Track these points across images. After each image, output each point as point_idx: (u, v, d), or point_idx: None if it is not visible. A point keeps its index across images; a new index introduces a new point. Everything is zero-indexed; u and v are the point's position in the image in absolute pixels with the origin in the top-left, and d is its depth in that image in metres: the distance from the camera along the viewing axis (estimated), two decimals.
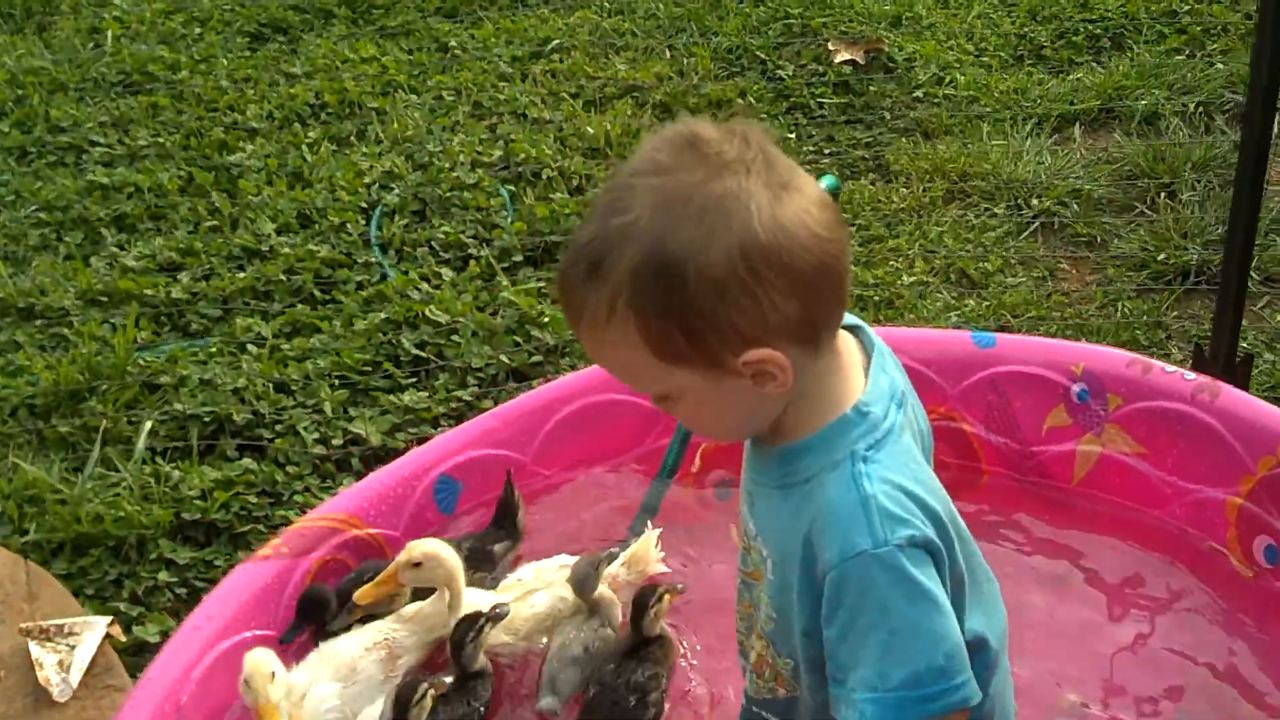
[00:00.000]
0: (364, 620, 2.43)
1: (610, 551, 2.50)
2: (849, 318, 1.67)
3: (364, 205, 4.10)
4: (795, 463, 1.61)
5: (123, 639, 2.65)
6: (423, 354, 3.51)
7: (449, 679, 2.26)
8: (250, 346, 3.55)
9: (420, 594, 2.45)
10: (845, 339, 1.65)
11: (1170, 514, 2.67)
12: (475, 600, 2.41)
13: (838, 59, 4.53)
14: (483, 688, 2.30)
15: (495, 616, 2.31)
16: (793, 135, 4.28)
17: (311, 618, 2.39)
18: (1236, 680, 2.47)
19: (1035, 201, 3.90)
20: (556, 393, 2.83)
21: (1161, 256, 3.66)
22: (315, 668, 2.30)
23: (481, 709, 2.28)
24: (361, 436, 3.26)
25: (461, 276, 3.77)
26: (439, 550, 2.36)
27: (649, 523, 2.64)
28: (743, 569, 1.77)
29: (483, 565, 2.56)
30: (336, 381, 3.42)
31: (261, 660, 2.18)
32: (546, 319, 3.54)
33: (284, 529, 2.58)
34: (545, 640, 2.42)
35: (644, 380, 1.58)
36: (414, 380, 3.43)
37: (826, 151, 4.23)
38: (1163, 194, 3.88)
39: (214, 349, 3.55)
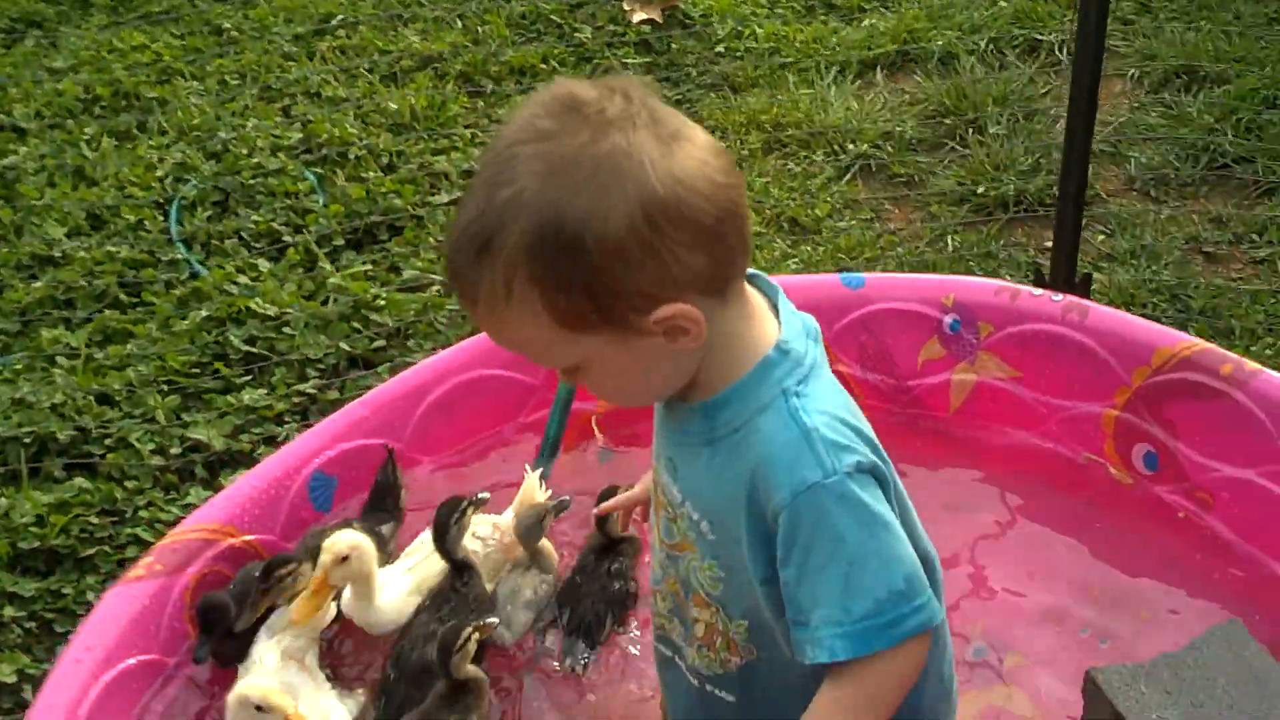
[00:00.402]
0: (260, 619, 2.28)
1: (561, 500, 2.45)
2: None
3: (159, 200, 3.85)
4: (720, 414, 1.56)
5: None
6: (254, 349, 3.31)
7: (493, 620, 2.21)
8: (60, 359, 3.28)
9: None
10: (744, 286, 1.60)
11: (1047, 433, 2.73)
12: (388, 579, 2.30)
13: (635, 18, 4.49)
14: (473, 583, 2.32)
15: (477, 501, 2.34)
16: None
17: (215, 625, 2.23)
18: (1131, 587, 2.54)
19: (851, 146, 3.95)
20: (425, 375, 2.70)
21: (980, 190, 3.75)
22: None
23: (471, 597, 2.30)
24: (203, 442, 3.06)
25: (279, 266, 3.58)
26: (359, 540, 2.24)
27: (527, 467, 2.56)
28: (666, 541, 1.70)
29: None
30: (165, 387, 3.20)
31: (265, 686, 2.08)
32: (383, 302, 3.39)
33: (155, 545, 2.39)
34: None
35: (551, 354, 1.51)
36: (249, 378, 3.24)
37: None
38: (970, 130, 3.98)
39: (19, 366, 3.27)
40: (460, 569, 2.30)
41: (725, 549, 1.60)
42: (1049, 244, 3.58)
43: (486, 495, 2.36)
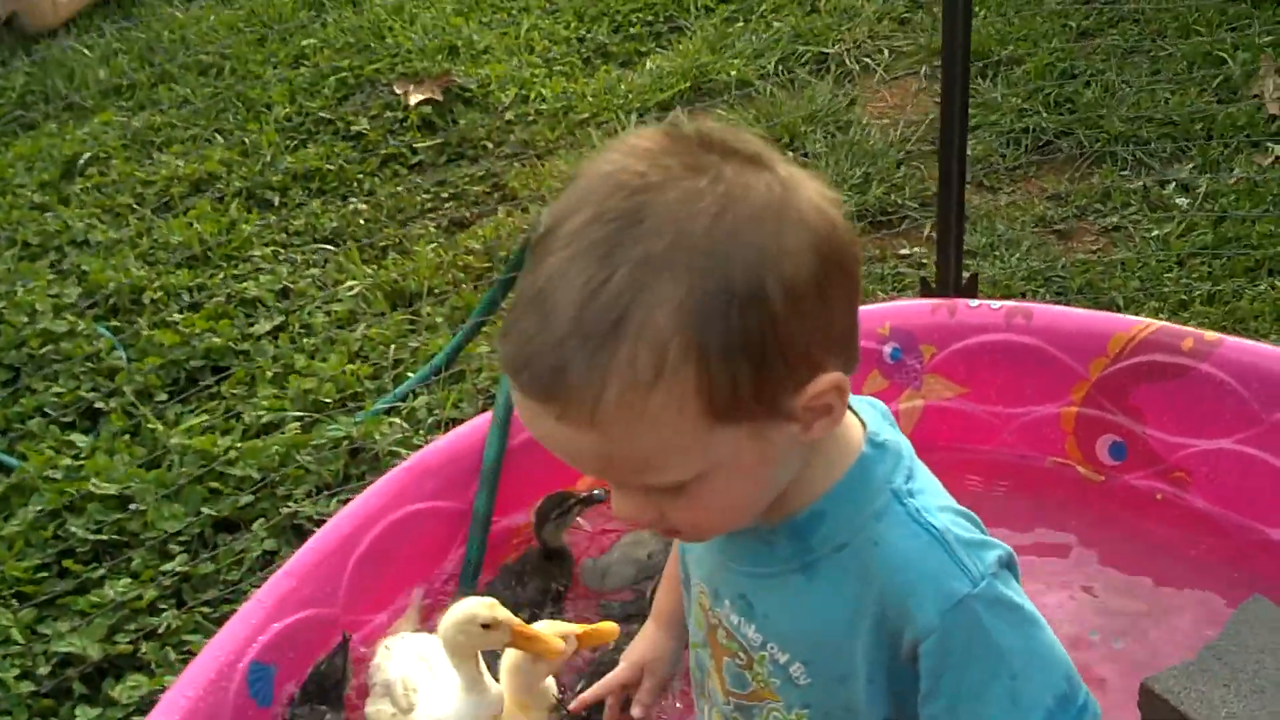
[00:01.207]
0: None
1: (592, 493, 2.46)
2: None
3: None
4: (817, 529, 1.31)
5: None
6: (102, 537, 2.91)
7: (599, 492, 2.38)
8: None
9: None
10: None
11: (1004, 443, 2.65)
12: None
13: (412, 101, 4.25)
14: (561, 569, 2.44)
15: (588, 500, 2.42)
16: (400, 189, 3.96)
17: None
18: (1128, 581, 2.47)
19: None
20: (348, 525, 2.40)
21: None
22: None
23: (559, 589, 2.43)
24: (75, 654, 2.65)
25: (101, 438, 3.18)
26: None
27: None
28: (737, 692, 1.44)
29: None
30: (14, 601, 2.77)
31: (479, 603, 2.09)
32: (235, 454, 3.04)
33: None
34: None
35: (671, 467, 1.19)
36: (104, 570, 2.84)
37: (444, 195, 3.95)
38: (791, 154, 3.90)
39: None
40: (552, 555, 2.45)
41: (825, 692, 1.36)
42: (904, 251, 3.54)
43: (600, 494, 2.40)
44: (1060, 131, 3.83)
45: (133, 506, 2.95)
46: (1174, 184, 3.60)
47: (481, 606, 2.07)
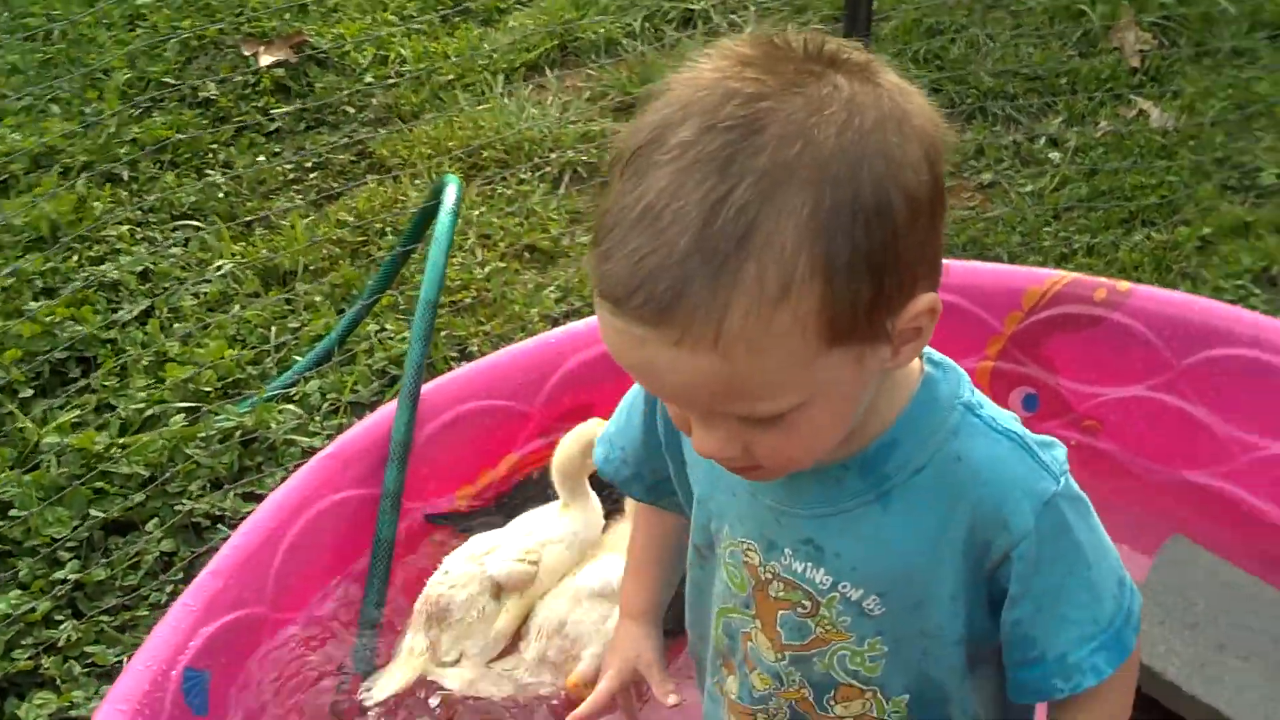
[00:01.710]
0: None
1: None
2: None
3: None
4: (891, 457, 1.33)
5: None
6: None
7: None
8: None
9: None
10: None
11: None
12: None
13: (263, 63, 4.11)
14: None
15: None
16: (261, 158, 3.83)
17: None
18: None
19: (553, 155, 3.77)
20: (275, 517, 2.33)
21: None
22: None
23: None
24: None
25: None
26: None
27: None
28: (795, 644, 1.45)
29: None
30: None
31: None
32: (118, 450, 2.91)
33: None
34: None
35: (785, 390, 1.17)
36: None
37: (307, 166, 3.83)
38: None
39: None
40: None
41: (900, 618, 1.40)
42: None
43: None
44: (931, 88, 3.91)
45: (12, 513, 2.81)
46: (1044, 138, 3.71)
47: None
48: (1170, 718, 2.17)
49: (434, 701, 2.24)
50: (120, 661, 2.51)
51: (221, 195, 3.71)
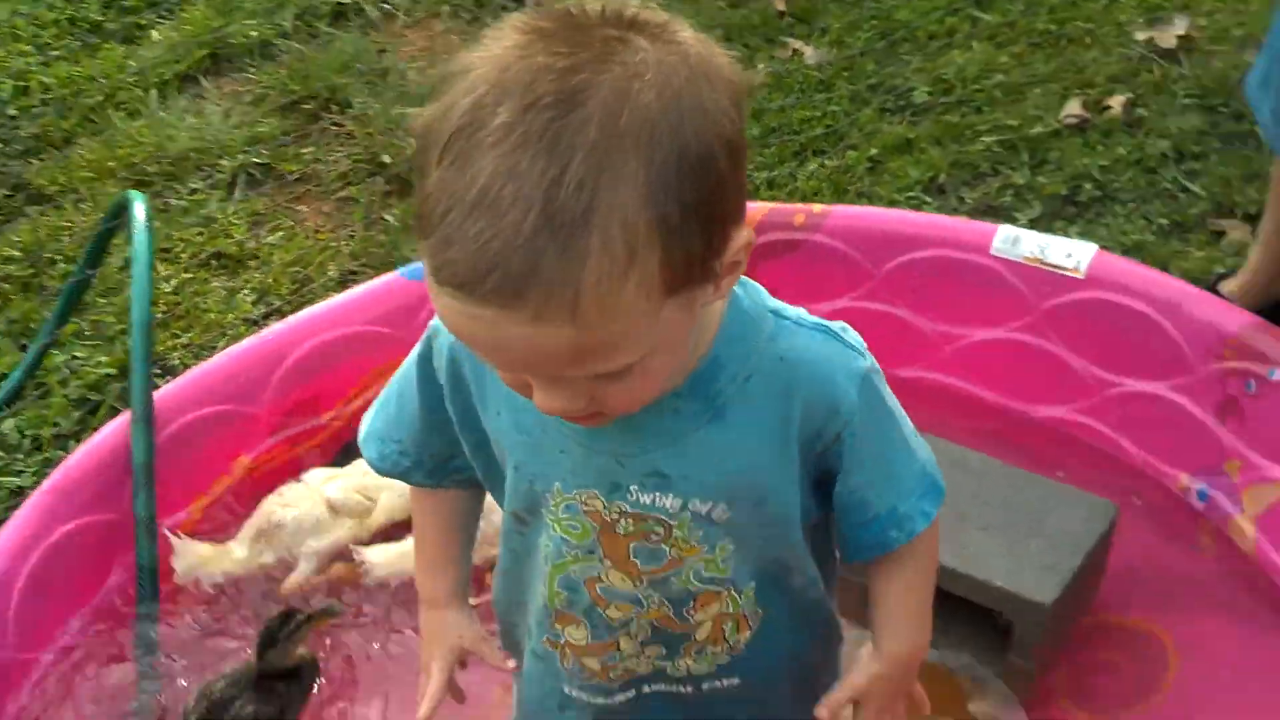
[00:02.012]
0: None
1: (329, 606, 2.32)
2: None
3: None
4: (720, 374, 1.38)
5: None
6: None
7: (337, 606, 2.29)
8: None
9: None
10: None
11: None
12: None
13: None
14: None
15: (321, 614, 2.22)
16: None
17: None
18: None
19: (224, 162, 3.67)
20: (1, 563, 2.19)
21: (387, 159, 3.65)
22: None
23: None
24: None
25: None
26: None
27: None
28: (652, 568, 1.49)
29: None
30: None
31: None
32: None
33: None
34: None
35: (633, 346, 1.21)
36: None
37: None
38: (334, 108, 3.85)
39: None
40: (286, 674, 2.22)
41: (745, 518, 1.46)
42: None
43: (338, 608, 2.22)
44: None
45: None
46: None
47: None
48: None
49: None
50: None
51: None
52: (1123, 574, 2.44)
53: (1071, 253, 2.64)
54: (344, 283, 3.19)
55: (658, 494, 1.44)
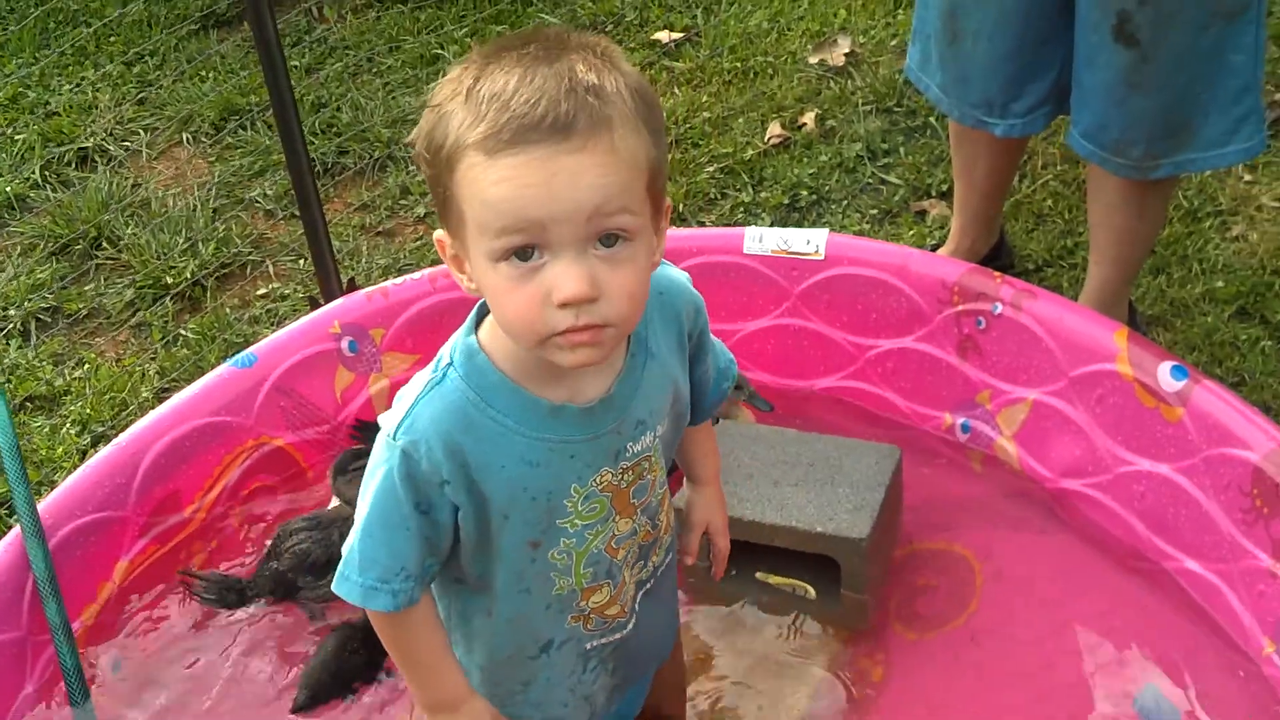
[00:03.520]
0: None
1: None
2: None
3: None
4: (643, 325, 1.76)
5: None
6: None
7: None
8: None
9: None
10: None
11: None
12: None
13: None
14: None
15: None
16: None
17: None
18: None
19: (12, 312, 3.78)
20: None
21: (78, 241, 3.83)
22: None
23: None
24: None
25: None
26: None
27: None
28: (640, 499, 1.82)
29: None
30: None
31: None
32: None
33: None
34: None
35: (636, 204, 1.55)
36: None
37: None
38: (107, 245, 4.00)
39: None
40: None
41: (671, 422, 1.85)
42: (262, 291, 3.81)
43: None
44: (339, 151, 4.28)
45: None
46: None
47: None
48: (752, 550, 2.65)
49: None
50: None
51: None
52: (920, 508, 2.82)
53: (810, 239, 3.05)
54: (161, 399, 3.36)
55: (643, 438, 1.78)
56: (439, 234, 1.66)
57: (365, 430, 2.93)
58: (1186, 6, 2.69)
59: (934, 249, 3.50)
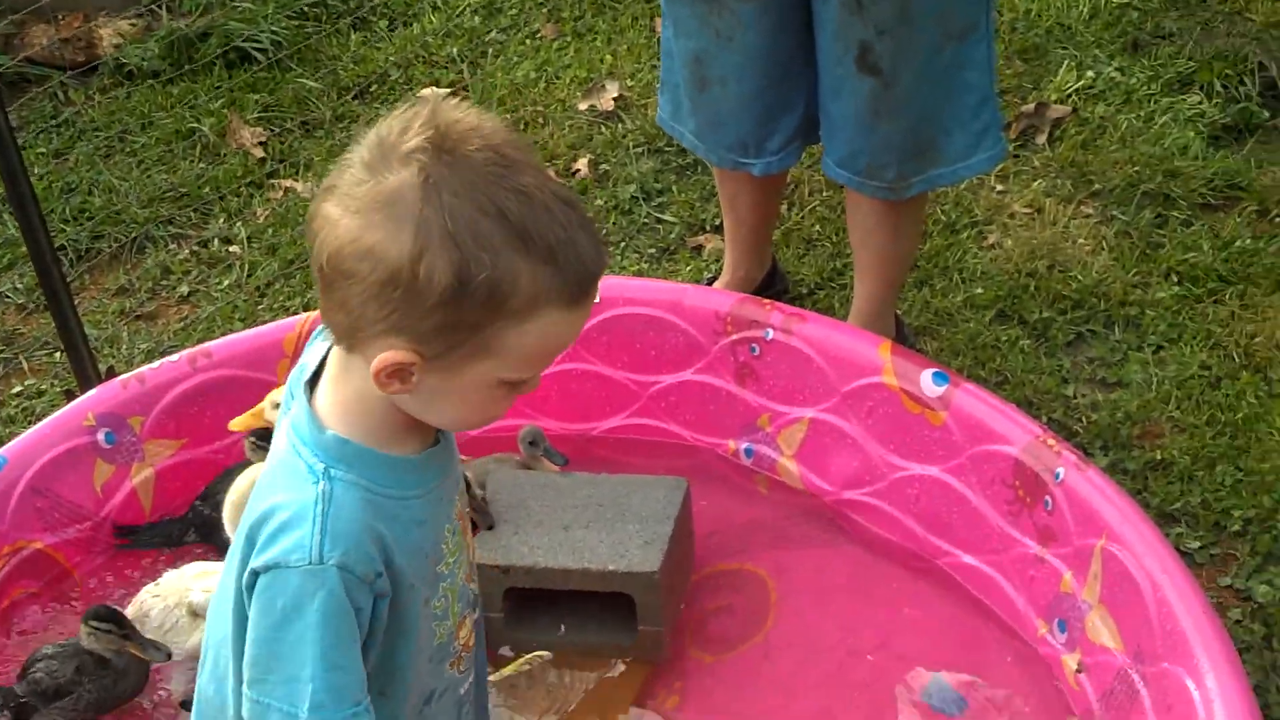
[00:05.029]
0: None
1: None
2: None
3: None
4: None
5: None
6: None
7: None
8: None
9: None
10: None
11: None
12: None
13: None
14: None
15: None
16: None
17: None
18: None
19: None
20: None
21: None
22: None
23: None
24: None
25: None
26: None
27: None
28: (460, 509, 1.84)
29: None
30: None
31: None
32: None
33: None
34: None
35: None
36: None
37: None
38: None
39: None
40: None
41: None
42: (17, 390, 3.75)
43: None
44: (93, 236, 4.24)
45: None
46: (216, 239, 4.18)
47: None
48: (547, 596, 2.75)
49: None
50: None
51: None
52: (712, 534, 2.96)
53: None
54: None
55: (459, 468, 1.84)
56: (390, 354, 1.55)
57: (127, 534, 2.95)
58: (921, 32, 2.89)
59: (710, 282, 3.64)
